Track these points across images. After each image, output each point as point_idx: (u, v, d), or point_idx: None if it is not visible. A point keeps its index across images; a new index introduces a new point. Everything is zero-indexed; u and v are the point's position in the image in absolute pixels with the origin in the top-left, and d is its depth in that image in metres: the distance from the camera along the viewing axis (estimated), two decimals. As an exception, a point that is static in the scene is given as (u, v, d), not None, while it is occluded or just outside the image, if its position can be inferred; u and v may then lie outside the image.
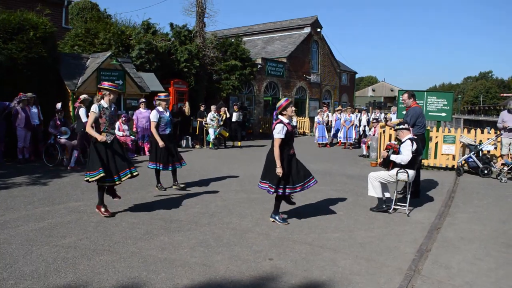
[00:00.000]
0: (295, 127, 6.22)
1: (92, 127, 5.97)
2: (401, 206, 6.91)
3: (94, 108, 5.95)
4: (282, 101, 6.03)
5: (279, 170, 5.75)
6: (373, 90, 69.75)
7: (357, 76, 41.52)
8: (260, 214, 6.50)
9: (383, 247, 5.15)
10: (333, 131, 18.70)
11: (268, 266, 4.46)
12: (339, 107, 19.82)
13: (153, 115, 8.04)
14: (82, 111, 10.34)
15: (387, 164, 6.81)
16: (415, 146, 6.60)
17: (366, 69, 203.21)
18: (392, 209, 6.83)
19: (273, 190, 5.89)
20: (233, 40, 20.59)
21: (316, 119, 18.08)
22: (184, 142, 16.01)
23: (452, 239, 5.55)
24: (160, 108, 8.15)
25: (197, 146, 16.26)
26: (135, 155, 12.99)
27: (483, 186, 9.24)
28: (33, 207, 6.73)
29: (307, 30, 28.29)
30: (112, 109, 6.21)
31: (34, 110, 11.68)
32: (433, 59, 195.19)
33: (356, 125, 17.43)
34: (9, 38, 11.51)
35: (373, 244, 5.25)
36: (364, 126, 17.20)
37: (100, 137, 5.85)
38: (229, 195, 7.88)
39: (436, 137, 11.33)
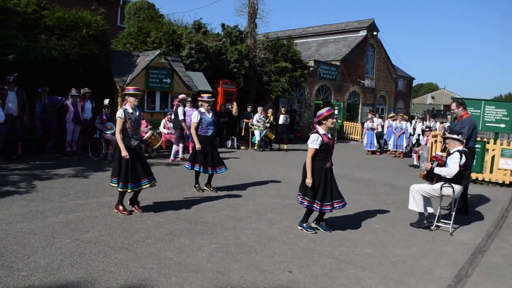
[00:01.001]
0: (333, 140, 5.82)
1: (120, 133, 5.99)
2: (445, 223, 6.35)
3: (120, 113, 5.92)
4: (324, 111, 5.70)
5: (308, 180, 5.47)
6: (433, 98, 66.71)
7: (416, 82, 39.90)
8: (290, 222, 6.20)
9: (416, 268, 4.69)
10: (384, 138, 17.96)
11: (285, 280, 4.17)
12: (392, 114, 18.97)
13: (194, 116, 7.90)
14: (180, 110, 11.55)
15: (431, 177, 6.26)
16: (464, 159, 6.02)
17: (426, 76, 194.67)
18: (434, 225, 6.29)
19: (307, 204, 5.60)
20: (284, 42, 20.30)
21: (365, 125, 17.41)
22: (229, 143, 15.95)
23: (497, 265, 4.98)
24: (202, 109, 7.98)
25: (243, 147, 16.14)
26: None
27: (544, 207, 8.36)
28: (67, 199, 6.84)
29: (363, 33, 27.43)
30: (138, 113, 6.14)
31: (88, 105, 12.12)
32: (499, 67, 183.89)
33: (410, 133, 16.60)
34: (63, 35, 11.96)
35: (406, 264, 4.80)
36: (418, 135, 16.32)
37: (124, 153, 5.86)
38: (263, 199, 7.63)
39: (493, 150, 10.46)
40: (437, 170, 6.09)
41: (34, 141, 11.38)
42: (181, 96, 12.07)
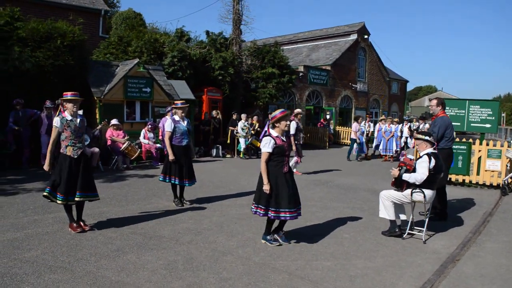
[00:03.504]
0: (287, 142, 5.53)
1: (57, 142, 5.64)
2: (419, 231, 5.99)
3: (55, 121, 5.55)
4: (277, 112, 5.35)
5: (265, 187, 5.13)
6: (430, 100, 66.41)
7: (414, 85, 39.54)
8: (252, 234, 5.85)
9: (376, 283, 4.33)
10: (375, 143, 17.63)
11: (226, 299, 3.82)
12: (382, 117, 18.63)
13: (168, 125, 7.44)
14: (293, 124, 11.02)
15: (400, 184, 5.90)
16: (433, 162, 5.67)
17: (425, 79, 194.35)
18: (407, 233, 5.93)
19: (262, 212, 5.25)
20: (272, 48, 20.02)
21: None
22: (214, 151, 15.63)
23: (468, 276, 4.61)
24: (176, 117, 7.53)
25: (228, 156, 15.82)
26: (159, 164, 12.74)
27: (529, 210, 7.99)
28: (24, 215, 6.51)
29: (354, 36, 27.18)
30: (79, 120, 5.78)
31: (64, 117, 11.81)
32: (498, 67, 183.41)
33: (398, 136, 16.25)
34: (37, 46, 11.69)
35: (366, 278, 4.44)
36: (406, 138, 15.99)
37: (46, 167, 5.55)
38: (231, 210, 7.28)
39: (479, 151, 10.11)
40: (406, 177, 5.74)
41: (7, 156, 11.06)
42: (297, 110, 11.92)
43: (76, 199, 5.65)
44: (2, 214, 6.52)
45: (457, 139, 10.71)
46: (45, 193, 5.67)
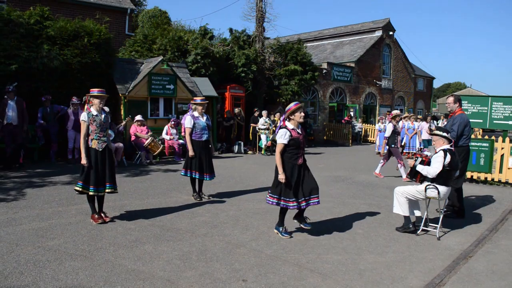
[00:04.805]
0: (302, 135, 5.71)
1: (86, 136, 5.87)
2: (434, 227, 5.98)
3: (83, 116, 5.82)
4: (291, 105, 5.53)
5: (281, 176, 5.29)
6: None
7: (443, 82, 38.79)
8: (267, 228, 5.97)
9: (385, 277, 4.38)
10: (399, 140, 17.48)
11: (235, 289, 3.96)
12: (406, 114, 18.42)
13: (187, 121, 7.61)
14: (389, 126, 11.00)
15: (414, 175, 5.95)
16: (448, 158, 5.65)
17: (453, 75, 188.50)
18: (421, 230, 5.93)
19: (275, 201, 5.39)
20: (295, 45, 20.02)
21: (377, 126, 16.97)
22: (236, 148, 15.82)
23: (479, 272, 4.60)
24: (196, 113, 7.74)
25: (250, 152, 15.98)
26: (182, 159, 13.00)
27: (552, 209, 7.81)
28: (49, 206, 6.81)
29: (378, 33, 26.86)
30: (104, 115, 6.02)
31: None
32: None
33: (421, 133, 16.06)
34: (65, 44, 12.13)
35: (375, 272, 4.49)
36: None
37: (84, 161, 5.77)
38: (248, 204, 7.41)
39: (502, 148, 9.91)
40: (419, 168, 5.78)
41: (36, 149, 11.54)
42: (395, 112, 11.59)
43: (107, 190, 5.96)
44: (29, 205, 6.84)
45: (480, 136, 10.57)
46: (78, 188, 5.89)
